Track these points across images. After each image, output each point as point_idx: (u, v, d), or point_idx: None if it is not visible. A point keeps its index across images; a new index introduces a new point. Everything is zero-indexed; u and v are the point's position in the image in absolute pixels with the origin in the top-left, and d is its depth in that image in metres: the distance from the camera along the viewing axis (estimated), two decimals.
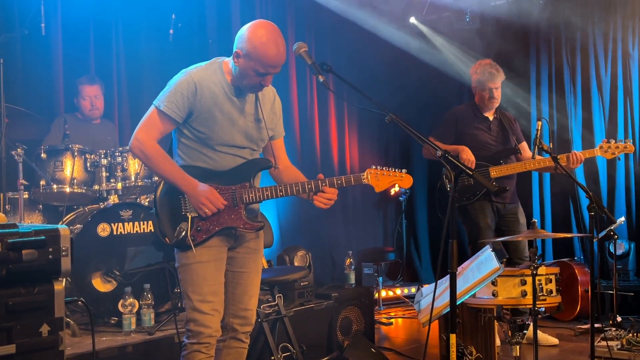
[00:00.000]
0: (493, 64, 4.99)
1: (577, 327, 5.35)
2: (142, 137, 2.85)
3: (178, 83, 2.86)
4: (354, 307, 4.83)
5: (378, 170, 2.96)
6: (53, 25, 5.34)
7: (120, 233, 4.32)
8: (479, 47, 7.08)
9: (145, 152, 2.85)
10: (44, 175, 4.52)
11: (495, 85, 4.93)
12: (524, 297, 3.44)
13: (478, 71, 4.97)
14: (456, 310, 2.63)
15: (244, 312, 3.05)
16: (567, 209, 6.75)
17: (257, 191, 2.92)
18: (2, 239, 2.40)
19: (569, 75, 6.79)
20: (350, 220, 7.51)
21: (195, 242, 2.85)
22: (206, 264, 2.89)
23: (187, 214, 2.87)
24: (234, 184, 2.92)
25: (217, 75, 2.90)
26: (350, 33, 7.18)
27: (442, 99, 7.38)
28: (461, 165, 2.53)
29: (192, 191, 2.83)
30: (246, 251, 3.05)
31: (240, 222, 2.93)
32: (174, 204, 2.89)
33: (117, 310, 4.08)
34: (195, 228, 2.86)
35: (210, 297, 2.89)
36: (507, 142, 5.00)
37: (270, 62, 2.78)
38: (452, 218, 2.49)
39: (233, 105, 2.92)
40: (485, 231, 4.82)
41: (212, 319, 2.89)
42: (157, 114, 2.86)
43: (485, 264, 3.21)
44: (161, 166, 2.86)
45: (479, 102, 5.03)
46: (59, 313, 2.53)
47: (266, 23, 2.84)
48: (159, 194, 2.92)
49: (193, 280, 2.88)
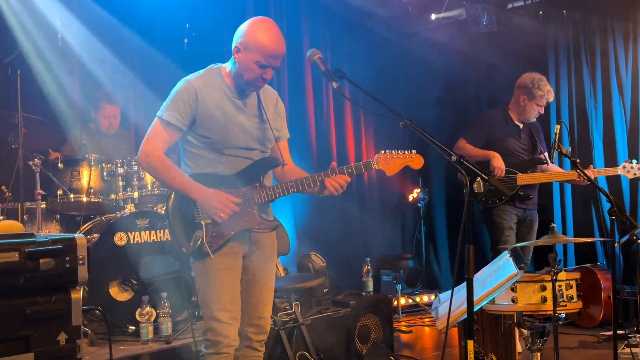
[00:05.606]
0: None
1: (600, 333, 5.29)
2: (148, 149, 2.89)
3: (178, 91, 2.91)
4: (372, 315, 4.82)
5: (387, 154, 2.98)
6: (69, 36, 5.42)
7: (137, 242, 4.36)
8: (496, 49, 7.07)
9: (152, 163, 2.89)
10: (61, 185, 4.58)
11: (545, 103, 5.08)
12: (544, 303, 3.43)
13: (535, 84, 5.02)
14: (474, 317, 2.63)
15: (258, 321, 3.05)
16: (589, 213, 6.69)
17: (268, 190, 2.93)
18: (20, 248, 2.45)
19: (588, 76, 6.73)
20: (367, 226, 7.51)
21: (213, 249, 2.86)
22: (223, 272, 2.90)
23: (201, 222, 2.88)
24: (244, 186, 2.93)
25: (216, 79, 2.96)
26: (366, 38, 7.20)
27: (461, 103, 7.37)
28: (476, 170, 2.53)
29: (204, 197, 2.85)
30: (260, 258, 3.05)
31: (255, 222, 2.94)
32: (187, 213, 2.90)
33: (134, 319, 4.12)
34: (211, 234, 2.87)
35: (228, 305, 2.90)
36: (536, 151, 5.15)
37: (270, 51, 2.84)
38: (468, 223, 2.50)
39: (236, 107, 2.95)
40: (508, 231, 4.98)
41: (230, 328, 2.89)
42: (160, 124, 2.90)
43: (504, 269, 3.20)
44: (169, 176, 2.89)
45: (516, 109, 5.14)
46: (76, 321, 2.56)
47: (263, 18, 2.93)
48: (171, 205, 2.94)
49: (210, 289, 2.89)
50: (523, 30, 7.01)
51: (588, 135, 6.67)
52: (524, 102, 5.08)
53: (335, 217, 7.21)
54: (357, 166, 2.96)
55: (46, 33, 5.14)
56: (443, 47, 7.46)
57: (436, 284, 7.79)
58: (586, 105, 6.72)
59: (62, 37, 5.20)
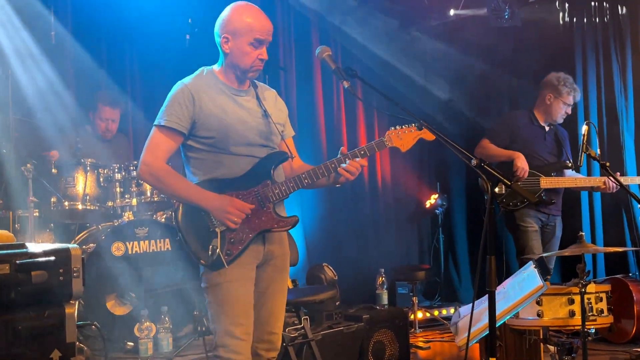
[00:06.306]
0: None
1: (633, 350, 5.24)
2: (149, 159, 2.89)
3: (174, 95, 2.93)
4: (387, 330, 4.80)
5: (399, 129, 2.99)
6: (63, 33, 5.44)
7: (136, 252, 4.38)
8: (520, 45, 7.04)
9: (155, 174, 2.88)
10: (54, 192, 4.60)
11: (572, 102, 5.21)
12: (572, 317, 3.41)
13: (562, 81, 5.17)
14: (496, 332, 2.62)
15: (269, 336, 3.05)
16: (619, 221, 6.65)
17: (281, 186, 2.94)
18: (11, 259, 2.46)
19: (618, 73, 6.71)
20: (381, 235, 7.49)
21: (233, 256, 2.85)
22: (237, 283, 2.89)
23: (216, 229, 2.86)
24: (255, 186, 2.93)
25: (210, 79, 3.00)
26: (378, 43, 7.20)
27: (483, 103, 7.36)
28: (498, 175, 2.52)
29: (214, 204, 2.85)
30: (272, 269, 3.05)
31: (273, 222, 2.94)
32: (199, 224, 2.89)
33: (133, 334, 4.13)
34: (228, 241, 2.86)
35: (242, 319, 2.89)
36: (561, 155, 5.25)
37: (260, 26, 2.92)
38: (490, 232, 2.48)
39: (235, 103, 2.98)
40: (532, 234, 5.05)
41: (243, 345, 2.88)
42: (159, 131, 2.91)
43: (528, 281, 3.19)
44: (175, 186, 2.89)
45: (542, 109, 5.25)
46: (71, 338, 2.57)
47: (238, 2, 3.01)
48: (180, 218, 2.91)
49: (224, 301, 2.88)
50: (548, 25, 6.99)
51: (618, 137, 6.64)
52: (550, 101, 5.18)
53: (347, 225, 7.20)
54: (370, 146, 2.98)
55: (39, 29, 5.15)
56: (463, 42, 7.45)
57: (455, 297, 7.75)
58: (616, 105, 6.68)
59: (56, 34, 5.20)
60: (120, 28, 5.84)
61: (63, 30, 5.43)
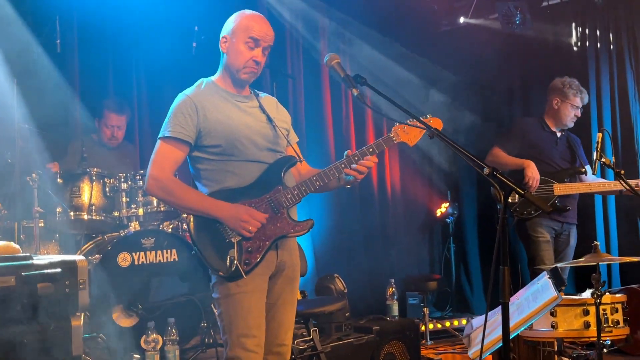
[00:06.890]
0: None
1: None
2: (157, 173, 2.88)
3: (177, 106, 2.95)
4: (398, 342, 4.79)
5: (405, 125, 3.01)
6: (69, 41, 5.47)
7: (142, 263, 4.38)
8: (533, 54, 7.03)
9: (165, 187, 2.88)
10: (60, 202, 4.60)
11: (581, 105, 5.24)
12: (587, 328, 3.40)
13: (567, 84, 5.22)
14: (510, 345, 2.60)
15: (279, 348, 3.04)
16: (635, 230, 6.62)
17: (294, 190, 2.95)
18: (16, 271, 2.46)
19: (632, 78, 6.69)
20: (391, 245, 7.47)
21: (252, 265, 2.85)
22: (251, 294, 2.89)
23: (232, 240, 2.86)
24: (267, 192, 2.94)
25: (211, 88, 3.04)
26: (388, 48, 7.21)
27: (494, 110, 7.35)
28: (511, 184, 2.51)
29: (228, 213, 2.84)
30: (283, 280, 3.05)
31: (289, 227, 2.95)
32: (214, 235, 2.88)
33: (139, 346, 4.12)
34: (246, 250, 2.86)
35: (255, 331, 2.88)
36: (574, 161, 5.25)
37: (255, 27, 2.96)
38: (503, 243, 2.47)
39: (239, 109, 3.01)
40: (543, 245, 5.06)
41: (255, 357, 2.87)
42: (165, 143, 2.91)
43: (542, 292, 3.17)
44: (187, 198, 2.89)
45: (551, 115, 5.27)
46: (77, 351, 2.58)
47: (243, 10, 3.08)
48: (194, 231, 2.90)
49: (237, 312, 2.87)
50: (560, 30, 6.98)
51: (633, 144, 6.62)
52: (558, 105, 5.22)
53: (357, 235, 7.19)
54: (378, 143, 3.01)
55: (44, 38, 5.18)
56: (473, 48, 7.44)
57: (467, 307, 7.72)
58: (630, 111, 6.67)
59: (61, 43, 5.22)
60: (126, 36, 5.86)
61: (68, 40, 5.45)
